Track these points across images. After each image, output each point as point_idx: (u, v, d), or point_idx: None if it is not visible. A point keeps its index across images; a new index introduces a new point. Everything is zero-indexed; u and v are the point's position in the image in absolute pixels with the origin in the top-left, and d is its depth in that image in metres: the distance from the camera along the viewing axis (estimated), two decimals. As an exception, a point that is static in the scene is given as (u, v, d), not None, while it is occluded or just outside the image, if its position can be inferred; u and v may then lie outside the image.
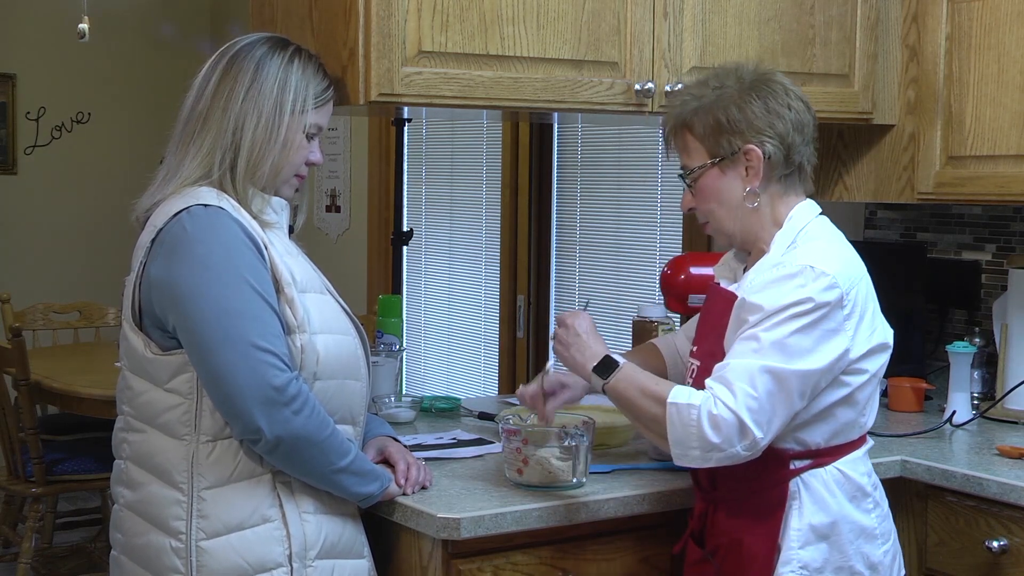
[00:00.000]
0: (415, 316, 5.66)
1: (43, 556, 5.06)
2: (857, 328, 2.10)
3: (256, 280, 2.06)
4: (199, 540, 2.07)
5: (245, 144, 2.15)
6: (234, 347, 2.01)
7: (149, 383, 2.12)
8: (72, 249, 6.67)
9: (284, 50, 2.21)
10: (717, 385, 2.05)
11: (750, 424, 2.01)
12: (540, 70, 2.59)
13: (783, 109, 2.15)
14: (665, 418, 2.05)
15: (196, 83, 2.22)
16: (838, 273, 2.07)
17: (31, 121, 6.61)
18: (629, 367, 2.15)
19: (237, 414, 2.03)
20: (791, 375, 2.03)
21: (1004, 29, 2.89)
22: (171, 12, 6.76)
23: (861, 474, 2.19)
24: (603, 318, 4.65)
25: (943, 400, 3.00)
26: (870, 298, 2.15)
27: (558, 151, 4.87)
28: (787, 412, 2.06)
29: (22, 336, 4.47)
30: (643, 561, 2.37)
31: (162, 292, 2.08)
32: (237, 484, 2.09)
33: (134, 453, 2.15)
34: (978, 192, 2.97)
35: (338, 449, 2.11)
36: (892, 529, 2.25)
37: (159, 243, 2.10)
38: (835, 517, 2.14)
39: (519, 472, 2.29)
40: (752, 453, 2.05)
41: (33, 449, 4.41)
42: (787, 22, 2.90)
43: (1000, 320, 3.10)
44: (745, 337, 2.07)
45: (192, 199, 2.10)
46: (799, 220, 2.18)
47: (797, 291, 2.05)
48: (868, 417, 2.20)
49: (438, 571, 2.19)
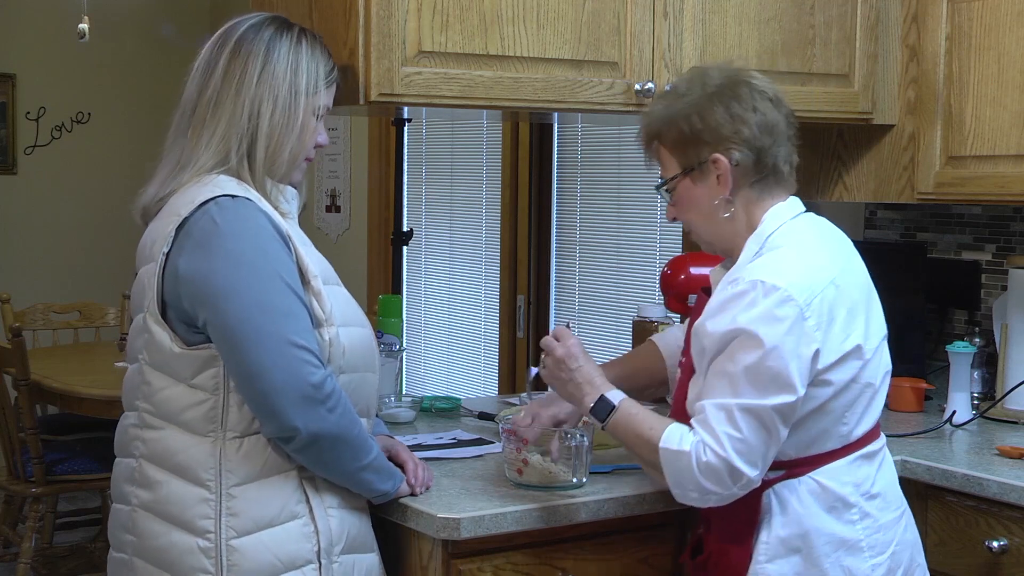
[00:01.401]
0: (415, 316, 5.66)
1: (43, 556, 5.05)
2: (827, 337, 2.03)
3: (288, 275, 2.03)
4: (229, 539, 2.03)
5: (263, 131, 2.11)
6: (270, 344, 1.97)
7: (170, 379, 2.06)
8: (72, 249, 6.67)
9: (290, 31, 2.17)
10: (702, 431, 2.01)
11: (741, 467, 1.99)
12: (540, 70, 2.59)
13: (748, 113, 2.10)
14: (660, 462, 2.04)
15: (199, 67, 2.17)
16: (792, 284, 2.00)
17: (31, 121, 6.62)
18: (624, 409, 2.12)
19: (273, 413, 1.99)
20: (770, 411, 1.99)
21: (1004, 29, 2.89)
22: (171, 12, 6.77)
23: (843, 484, 2.11)
24: (603, 318, 4.65)
25: (943, 400, 3.00)
26: (840, 303, 2.05)
27: (558, 151, 4.87)
28: (776, 444, 2.03)
29: (22, 336, 4.47)
30: (643, 561, 2.37)
31: (193, 287, 2.02)
32: (266, 480, 2.05)
33: (150, 451, 2.09)
34: (978, 192, 2.97)
35: (364, 446, 2.10)
36: (893, 541, 2.15)
37: (185, 234, 2.04)
38: (807, 529, 2.09)
39: (519, 472, 2.29)
40: (749, 488, 2.03)
41: (33, 449, 4.40)
42: (787, 22, 2.90)
43: (1000, 320, 3.10)
44: (716, 373, 2.03)
45: (217, 188, 2.05)
46: (770, 225, 2.12)
47: (748, 311, 1.99)
48: (853, 426, 2.12)
49: (438, 571, 2.19)
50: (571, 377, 2.16)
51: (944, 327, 3.43)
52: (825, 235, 2.18)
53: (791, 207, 2.16)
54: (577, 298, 4.79)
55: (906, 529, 2.21)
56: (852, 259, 2.18)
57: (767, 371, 1.98)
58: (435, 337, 5.61)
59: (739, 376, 1.99)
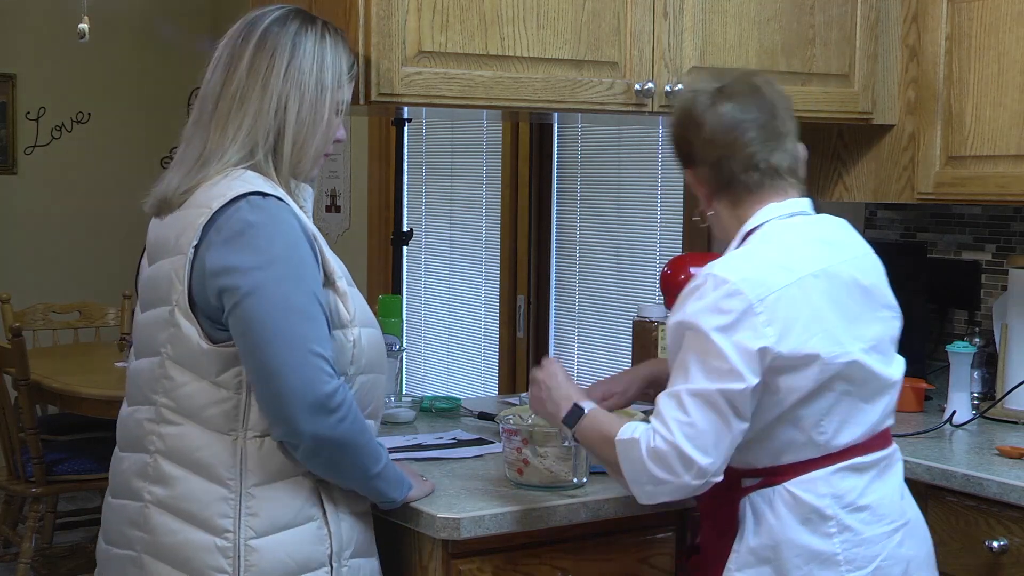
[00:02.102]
0: (415, 316, 5.66)
1: (43, 556, 5.05)
2: (783, 337, 1.99)
3: (313, 281, 2.02)
4: (248, 539, 2.01)
5: (290, 127, 2.09)
6: (291, 348, 1.96)
7: (194, 375, 2.04)
8: (72, 249, 6.67)
9: (315, 25, 2.15)
10: (654, 420, 2.01)
11: (690, 452, 1.95)
12: (540, 70, 2.60)
13: (694, 134, 2.15)
14: (617, 458, 2.02)
15: (221, 59, 2.13)
16: (744, 280, 2.00)
17: (31, 121, 6.62)
18: (593, 413, 2.12)
19: (283, 417, 1.98)
20: (717, 395, 1.97)
21: (1004, 29, 2.89)
22: (171, 12, 6.76)
23: (820, 495, 2.06)
24: (603, 318, 4.65)
25: (943, 400, 3.00)
26: (804, 305, 2.03)
27: (558, 151, 4.87)
28: (728, 432, 1.98)
29: (22, 336, 4.47)
30: (643, 561, 2.37)
31: (220, 282, 1.99)
32: (284, 482, 2.04)
33: (168, 447, 2.06)
34: (978, 192, 2.97)
35: (374, 454, 2.08)
36: (878, 555, 2.08)
37: (215, 229, 2.01)
38: (778, 540, 2.06)
39: (519, 472, 2.29)
40: (704, 481, 1.98)
41: (33, 449, 4.41)
42: (787, 22, 2.90)
43: (1000, 320, 3.10)
44: (674, 366, 2.04)
45: (248, 184, 2.03)
46: (754, 223, 2.13)
47: (696, 303, 2.02)
48: (831, 435, 2.07)
49: (438, 571, 2.19)
50: (548, 396, 2.18)
51: (944, 327, 3.43)
52: (809, 236, 2.14)
53: (786, 207, 2.14)
54: (577, 298, 4.79)
55: (901, 544, 2.13)
56: (844, 264, 2.12)
57: (712, 359, 1.98)
58: (435, 337, 5.61)
59: (688, 365, 2.00)
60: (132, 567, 2.10)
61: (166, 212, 2.12)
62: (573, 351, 4.82)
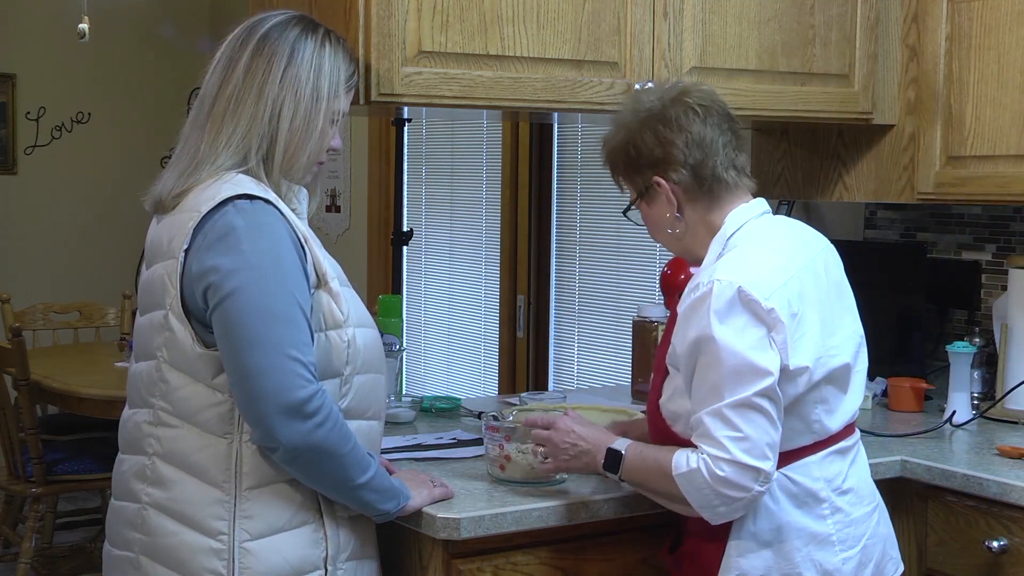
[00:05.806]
0: (415, 316, 5.67)
1: (43, 556, 5.06)
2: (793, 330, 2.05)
3: (297, 286, 2.01)
4: (243, 541, 2.01)
5: (282, 134, 2.08)
6: (267, 351, 1.95)
7: (190, 378, 2.04)
8: (72, 249, 6.67)
9: (315, 32, 2.14)
10: (704, 444, 2.02)
11: (753, 463, 1.99)
12: (540, 70, 2.60)
13: (674, 135, 2.14)
14: (680, 491, 2.05)
15: (220, 61, 2.13)
16: (750, 282, 2.03)
17: (31, 121, 6.62)
18: (631, 454, 2.14)
19: (257, 420, 1.98)
20: (755, 398, 2.00)
21: (1004, 29, 2.89)
22: (171, 12, 6.76)
23: (815, 479, 2.13)
24: (603, 318, 4.65)
25: (943, 400, 3.00)
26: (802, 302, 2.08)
27: (558, 151, 4.87)
28: (776, 427, 2.03)
29: (22, 336, 4.47)
30: (643, 561, 2.37)
31: (204, 284, 2.00)
32: (280, 485, 2.04)
33: (165, 449, 2.06)
34: (978, 192, 2.97)
35: (358, 464, 2.06)
36: (864, 535, 2.17)
37: (202, 232, 2.02)
38: (779, 523, 2.11)
39: (502, 468, 2.30)
40: (768, 482, 2.03)
41: (33, 449, 4.41)
42: (787, 22, 2.90)
43: (1000, 320, 3.10)
44: (699, 383, 2.05)
45: (237, 187, 2.03)
46: (731, 226, 2.16)
47: (709, 314, 2.02)
48: (825, 423, 2.14)
49: (438, 571, 2.19)
50: (577, 451, 2.19)
51: (944, 327, 3.43)
52: (787, 234, 2.21)
53: (754, 208, 2.19)
54: (577, 298, 4.79)
55: (879, 523, 2.23)
56: (816, 259, 2.19)
57: (741, 367, 2.00)
58: (435, 337, 5.61)
59: (719, 380, 2.01)
60: (131, 568, 2.10)
61: (161, 213, 2.13)
62: (573, 351, 4.82)
